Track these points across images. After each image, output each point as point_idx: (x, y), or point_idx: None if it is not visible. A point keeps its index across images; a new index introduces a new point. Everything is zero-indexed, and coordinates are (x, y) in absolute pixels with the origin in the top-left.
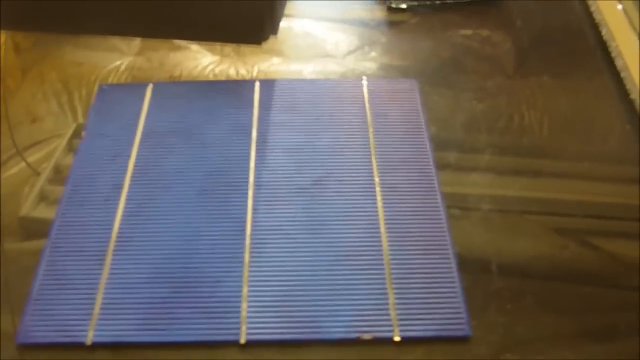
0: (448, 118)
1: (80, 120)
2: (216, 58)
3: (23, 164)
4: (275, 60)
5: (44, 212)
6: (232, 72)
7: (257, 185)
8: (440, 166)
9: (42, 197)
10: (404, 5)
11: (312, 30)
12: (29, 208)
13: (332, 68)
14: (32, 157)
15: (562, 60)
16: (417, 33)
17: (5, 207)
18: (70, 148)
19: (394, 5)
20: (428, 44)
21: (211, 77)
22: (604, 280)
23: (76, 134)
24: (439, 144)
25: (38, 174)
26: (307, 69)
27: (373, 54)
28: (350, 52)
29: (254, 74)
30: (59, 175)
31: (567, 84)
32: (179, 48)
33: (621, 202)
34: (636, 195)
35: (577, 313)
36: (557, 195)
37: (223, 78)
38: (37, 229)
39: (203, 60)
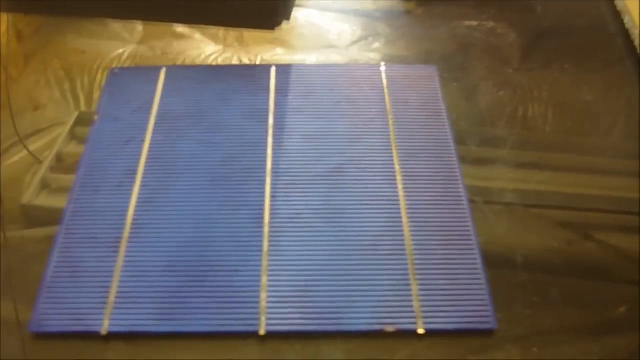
0: (451, 111)
1: (83, 108)
2: (219, 47)
3: (25, 152)
4: (279, 50)
5: (46, 200)
6: (235, 62)
7: (275, 172)
8: None
9: (44, 185)
10: None
11: (316, 21)
12: (31, 196)
13: (335, 58)
14: (34, 145)
15: (582, 49)
16: (421, 24)
17: (8, 195)
18: (73, 136)
19: None
20: (433, 35)
21: None
22: (607, 275)
23: (78, 122)
24: None
25: (40, 162)
26: (310, 59)
27: (377, 44)
28: (353, 43)
29: (257, 63)
30: (61, 164)
31: (586, 74)
32: (182, 36)
33: (625, 196)
34: (638, 189)
35: (581, 307)
36: (560, 189)
37: None
38: (39, 217)
39: (206, 49)
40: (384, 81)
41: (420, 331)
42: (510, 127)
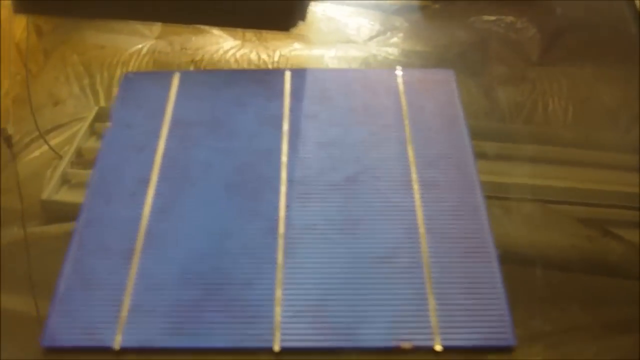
0: (470, 105)
1: (102, 103)
2: (237, 42)
3: (45, 147)
4: (297, 45)
5: (66, 195)
6: (253, 57)
7: (290, 181)
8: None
9: (65, 181)
10: None
11: (334, 15)
12: (52, 191)
13: (353, 53)
14: (54, 140)
15: (602, 45)
16: (440, 18)
17: (28, 191)
18: (92, 131)
19: None
20: (451, 30)
21: (232, 62)
22: (627, 272)
23: (98, 117)
24: None
25: (60, 157)
26: (329, 54)
27: (395, 39)
28: (372, 38)
29: (276, 58)
30: (81, 159)
31: (602, 73)
32: (200, 32)
33: None
34: None
35: (601, 305)
36: (580, 185)
37: (245, 63)
38: (59, 212)
39: (225, 44)
40: (400, 86)
41: (438, 348)
42: (530, 123)
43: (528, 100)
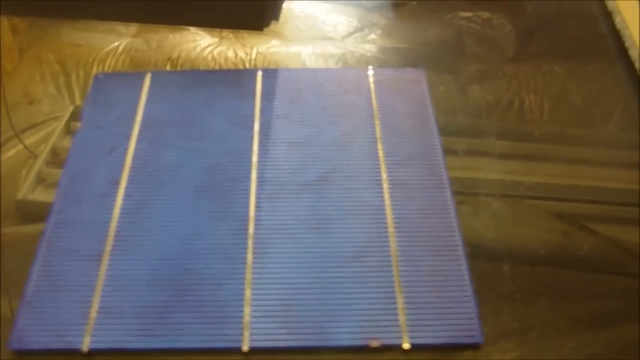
0: (446, 102)
1: (78, 102)
2: (215, 40)
3: (20, 147)
4: (275, 42)
5: (42, 195)
6: (230, 54)
7: (261, 181)
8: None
9: (40, 180)
10: None
11: (312, 12)
12: (27, 191)
13: (331, 50)
14: (30, 139)
15: (572, 46)
16: (417, 15)
17: (3, 190)
18: (68, 130)
19: None
20: (428, 26)
21: (210, 59)
22: (603, 267)
23: (74, 117)
24: (439, 128)
25: (35, 156)
26: (306, 51)
27: (373, 36)
28: (349, 34)
29: (253, 55)
30: (56, 158)
31: (576, 70)
32: (177, 30)
33: (621, 187)
34: (636, 180)
35: (578, 299)
36: (556, 180)
37: (222, 60)
38: (35, 212)
39: (202, 42)
40: (372, 85)
41: (406, 346)
42: (506, 119)
43: (504, 96)
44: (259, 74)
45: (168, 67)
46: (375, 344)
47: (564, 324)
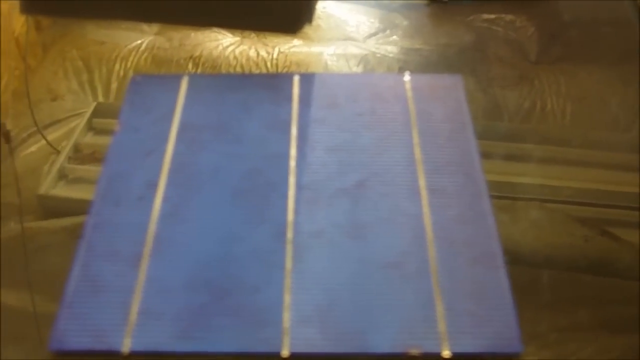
0: (469, 105)
1: (100, 99)
2: (237, 39)
3: (43, 142)
4: (296, 42)
5: (63, 190)
6: (252, 54)
7: (299, 187)
8: None
9: (62, 176)
10: None
11: (334, 12)
12: (49, 186)
13: (353, 51)
14: (52, 135)
15: (602, 43)
16: (439, 17)
17: (25, 185)
18: (90, 127)
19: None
20: (451, 28)
21: (232, 58)
22: (624, 271)
23: (96, 113)
24: None
25: (58, 152)
26: (328, 52)
27: (394, 37)
28: (371, 35)
29: (275, 55)
30: (78, 154)
31: (605, 69)
32: (199, 28)
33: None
34: None
35: (599, 305)
36: (577, 184)
37: (243, 59)
38: (56, 207)
39: (224, 41)
40: (408, 92)
41: (446, 354)
42: (528, 122)
43: (527, 99)
44: (296, 78)
45: (190, 66)
46: (414, 351)
47: (583, 329)
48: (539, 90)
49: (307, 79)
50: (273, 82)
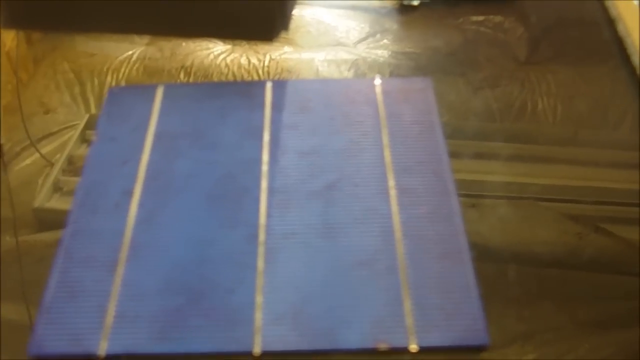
0: (459, 105)
1: (93, 110)
2: (228, 47)
3: (36, 156)
4: (287, 49)
5: (58, 203)
6: (243, 61)
7: (271, 190)
8: (453, 154)
9: (56, 188)
10: (415, 2)
11: (323, 18)
12: (43, 199)
13: (343, 56)
14: (46, 148)
15: (590, 42)
16: (429, 20)
17: (20, 199)
18: (84, 139)
19: (405, 3)
20: (440, 31)
21: (223, 66)
22: (618, 268)
23: (89, 125)
24: (451, 132)
25: (52, 165)
26: (319, 57)
27: (385, 41)
28: (361, 40)
29: (266, 62)
30: (72, 166)
31: (583, 74)
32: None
33: (635, 189)
34: None
35: (592, 301)
36: (570, 182)
37: (235, 67)
38: (51, 220)
39: (215, 49)
40: (379, 95)
41: (413, 347)
42: (519, 122)
43: (517, 99)
44: (269, 85)
45: (182, 75)
46: (383, 346)
47: (578, 326)
48: (529, 90)
49: (280, 85)
50: (247, 89)
